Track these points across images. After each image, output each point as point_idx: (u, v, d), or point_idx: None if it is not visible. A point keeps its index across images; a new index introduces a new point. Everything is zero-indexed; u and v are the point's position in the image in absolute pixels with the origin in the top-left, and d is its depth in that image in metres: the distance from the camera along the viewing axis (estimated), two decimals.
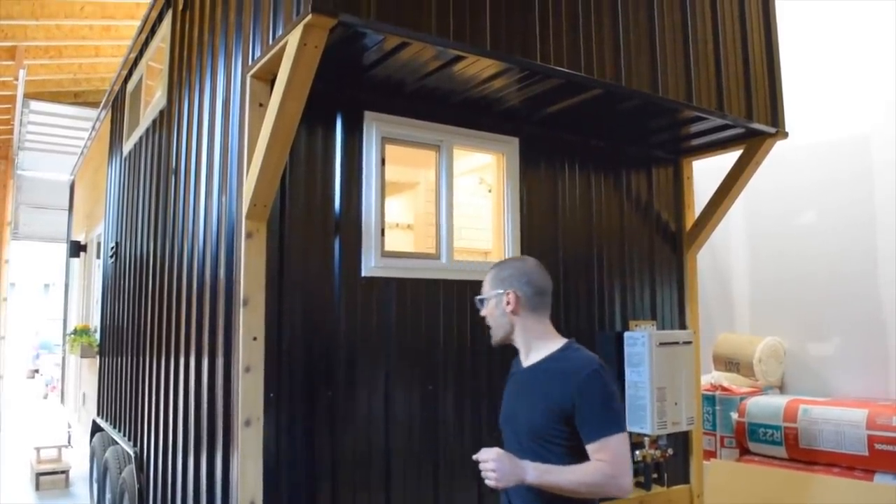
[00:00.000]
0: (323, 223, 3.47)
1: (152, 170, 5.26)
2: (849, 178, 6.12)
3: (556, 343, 2.43)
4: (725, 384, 6.13)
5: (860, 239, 5.92)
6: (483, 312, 2.52)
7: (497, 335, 2.50)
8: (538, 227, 4.24)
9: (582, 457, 2.23)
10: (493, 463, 2.18)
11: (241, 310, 3.12)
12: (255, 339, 3.12)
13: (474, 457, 2.25)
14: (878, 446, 4.79)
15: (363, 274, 3.52)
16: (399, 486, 3.56)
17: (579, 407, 2.21)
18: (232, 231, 3.37)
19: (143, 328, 5.21)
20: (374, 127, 3.62)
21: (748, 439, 5.88)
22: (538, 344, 2.45)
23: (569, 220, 4.39)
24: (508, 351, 3.97)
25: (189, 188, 4.24)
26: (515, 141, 4.14)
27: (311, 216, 3.43)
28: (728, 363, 6.45)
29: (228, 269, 3.38)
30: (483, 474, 2.20)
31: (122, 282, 6.17)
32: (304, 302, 3.36)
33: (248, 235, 3.14)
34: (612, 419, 2.23)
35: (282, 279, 3.29)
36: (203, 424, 3.60)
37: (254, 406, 3.10)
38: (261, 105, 3.20)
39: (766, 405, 5.56)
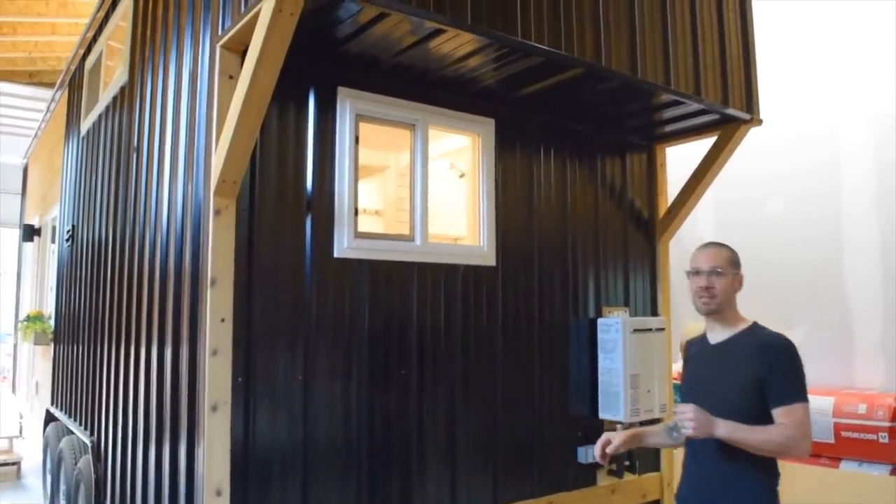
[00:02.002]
0: (294, 202, 3.34)
1: (112, 149, 5.07)
2: (817, 169, 6.17)
3: (745, 322, 2.74)
4: None
5: (827, 230, 5.98)
6: (712, 282, 2.71)
7: (721, 307, 2.72)
8: (513, 212, 4.17)
9: (765, 420, 2.50)
10: (691, 414, 2.45)
11: (209, 290, 2.99)
12: (222, 320, 3.00)
13: (674, 408, 2.59)
14: (843, 434, 4.84)
15: (335, 255, 3.41)
16: (371, 472, 3.47)
17: (770, 374, 2.51)
18: (199, 209, 3.23)
19: (101, 313, 5.03)
20: (347, 103, 3.50)
21: None
22: (733, 322, 2.74)
23: (544, 205, 4.32)
24: (483, 334, 3.93)
25: (152, 166, 4.07)
26: (491, 122, 4.06)
27: (282, 195, 3.31)
28: None
29: (195, 249, 3.24)
30: (680, 423, 2.50)
31: (79, 266, 5.95)
32: (274, 283, 3.23)
33: (217, 212, 3.01)
34: (799, 388, 2.51)
35: (251, 259, 3.16)
36: (166, 411, 3.46)
37: (221, 390, 2.98)
38: (231, 77, 3.07)
39: None
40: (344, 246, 3.42)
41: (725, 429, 2.45)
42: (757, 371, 2.53)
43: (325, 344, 3.36)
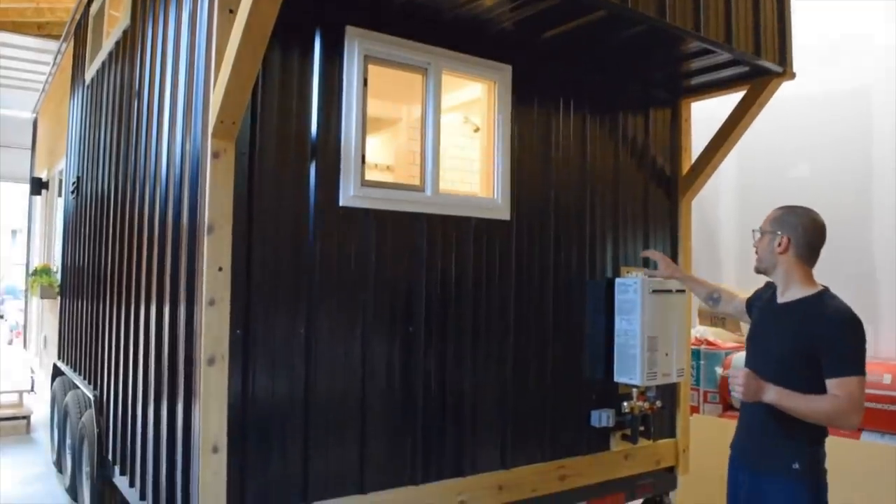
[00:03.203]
0: (297, 147, 3.17)
1: (115, 96, 4.90)
2: (846, 131, 5.91)
3: (812, 288, 2.70)
4: (711, 338, 5.98)
5: (855, 194, 5.75)
6: (754, 243, 2.82)
7: (760, 265, 2.81)
8: (529, 164, 3.97)
9: (817, 389, 2.52)
10: (741, 379, 2.51)
11: (206, 238, 2.83)
12: (220, 269, 2.84)
13: (725, 371, 2.62)
14: (866, 404, 4.65)
15: (341, 203, 3.24)
16: (375, 432, 3.34)
17: (829, 345, 2.51)
18: (197, 154, 3.06)
19: (104, 265, 4.91)
20: (356, 44, 3.30)
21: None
22: (796, 285, 2.71)
23: (561, 158, 4.11)
24: (495, 291, 3.76)
25: (152, 112, 3.90)
26: (508, 69, 3.84)
27: (284, 139, 3.13)
28: (713, 317, 6.30)
29: (193, 196, 3.08)
30: (731, 387, 2.59)
31: (83, 218, 5.82)
32: (275, 232, 3.07)
33: (215, 155, 2.83)
34: (854, 361, 2.50)
35: (251, 206, 3.00)
36: (164, 364, 3.33)
37: (218, 343, 2.84)
38: (231, 12, 2.86)
39: None
40: (350, 194, 3.25)
41: (775, 395, 2.50)
42: (814, 339, 2.54)
43: (328, 297, 3.21)
